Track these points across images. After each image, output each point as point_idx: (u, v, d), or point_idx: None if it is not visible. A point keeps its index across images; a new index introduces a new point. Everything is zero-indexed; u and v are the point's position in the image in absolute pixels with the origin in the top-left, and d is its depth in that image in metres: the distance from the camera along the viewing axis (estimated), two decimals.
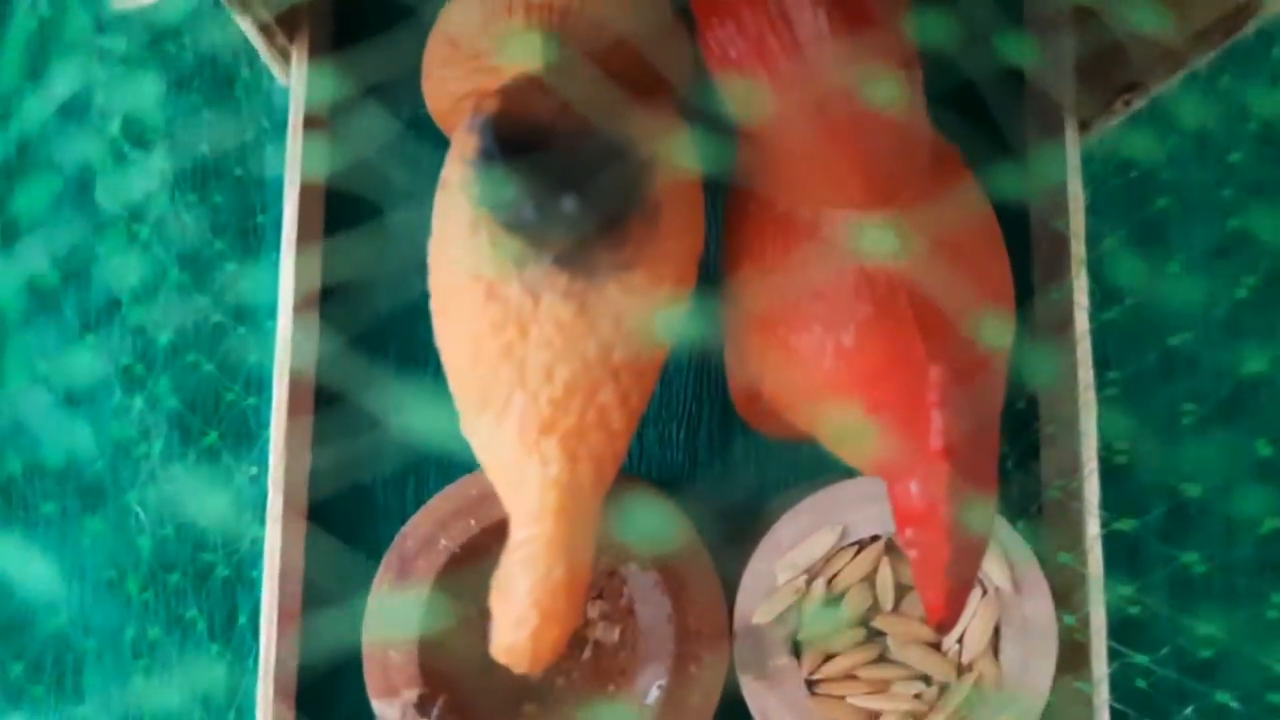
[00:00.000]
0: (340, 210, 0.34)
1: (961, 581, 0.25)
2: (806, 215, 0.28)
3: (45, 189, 0.34)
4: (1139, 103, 0.32)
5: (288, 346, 0.33)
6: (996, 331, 0.28)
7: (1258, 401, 0.34)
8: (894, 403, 0.26)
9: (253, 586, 0.34)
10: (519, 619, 0.26)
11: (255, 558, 0.34)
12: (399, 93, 0.33)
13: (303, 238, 0.33)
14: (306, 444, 0.33)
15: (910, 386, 0.26)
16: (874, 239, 0.27)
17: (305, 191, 0.33)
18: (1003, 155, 0.33)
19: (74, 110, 0.35)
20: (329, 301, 0.34)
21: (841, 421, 0.28)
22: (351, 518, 0.34)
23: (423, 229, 0.28)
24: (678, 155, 0.27)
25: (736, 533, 0.32)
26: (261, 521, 0.32)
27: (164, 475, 0.35)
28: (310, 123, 0.34)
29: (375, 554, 0.31)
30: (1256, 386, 0.33)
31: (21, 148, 0.33)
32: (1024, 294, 0.34)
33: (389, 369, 0.34)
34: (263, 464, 0.33)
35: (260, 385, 0.36)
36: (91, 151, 0.35)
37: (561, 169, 0.23)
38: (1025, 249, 0.35)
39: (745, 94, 0.27)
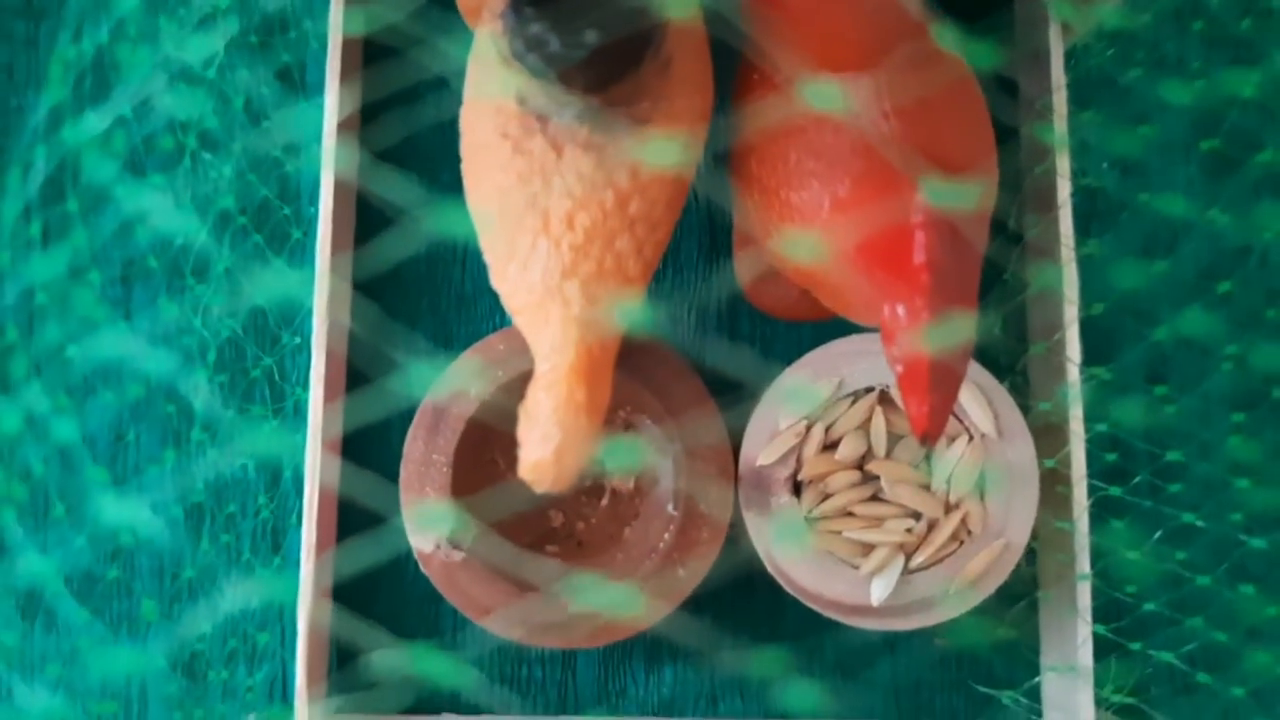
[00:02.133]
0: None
1: (943, 394, 0.27)
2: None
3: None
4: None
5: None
6: (979, 180, 0.30)
7: (1230, 254, 0.36)
8: (885, 244, 0.29)
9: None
10: (544, 436, 0.29)
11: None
12: None
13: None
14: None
15: (899, 228, 0.28)
16: (865, 97, 0.30)
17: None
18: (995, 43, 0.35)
19: None
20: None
21: (838, 269, 0.30)
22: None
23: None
24: (689, 17, 0.30)
25: (741, 399, 0.35)
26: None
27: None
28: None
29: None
30: (1231, 243, 0.35)
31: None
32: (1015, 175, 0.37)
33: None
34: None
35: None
36: None
37: (583, 14, 0.26)
38: (1015, 133, 0.38)
39: None
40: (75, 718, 0.33)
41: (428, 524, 0.33)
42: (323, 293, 0.35)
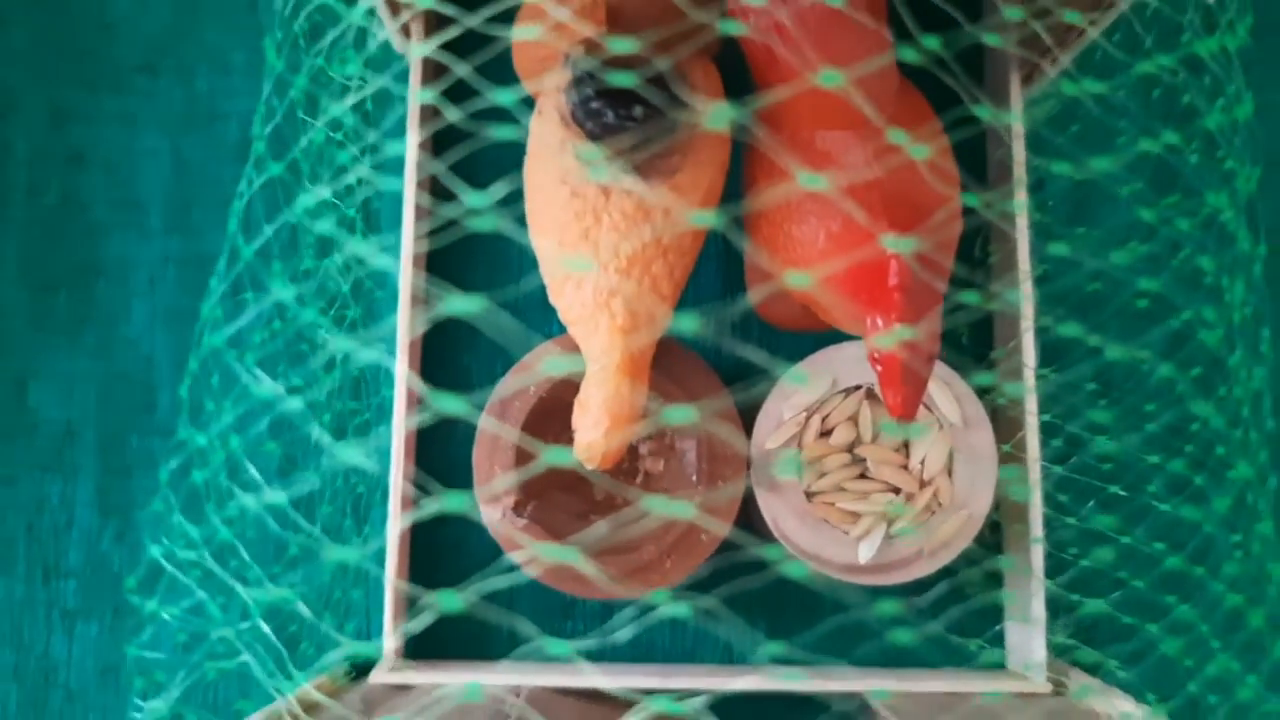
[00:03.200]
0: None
1: (914, 386, 0.35)
2: (804, 137, 0.38)
3: None
4: (1062, 61, 0.42)
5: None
6: (946, 221, 0.38)
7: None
8: (867, 269, 0.36)
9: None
10: (595, 422, 0.37)
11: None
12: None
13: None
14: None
15: (879, 258, 0.36)
16: (855, 150, 0.37)
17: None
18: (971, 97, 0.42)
19: None
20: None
21: (830, 291, 0.38)
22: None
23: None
24: (710, 93, 0.37)
25: (753, 395, 0.42)
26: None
27: None
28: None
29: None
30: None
31: None
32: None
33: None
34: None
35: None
36: None
37: (630, 94, 0.33)
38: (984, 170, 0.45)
39: (761, 54, 0.37)
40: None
41: (495, 496, 0.41)
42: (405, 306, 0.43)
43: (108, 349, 0.47)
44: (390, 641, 0.42)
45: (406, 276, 0.43)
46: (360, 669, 0.42)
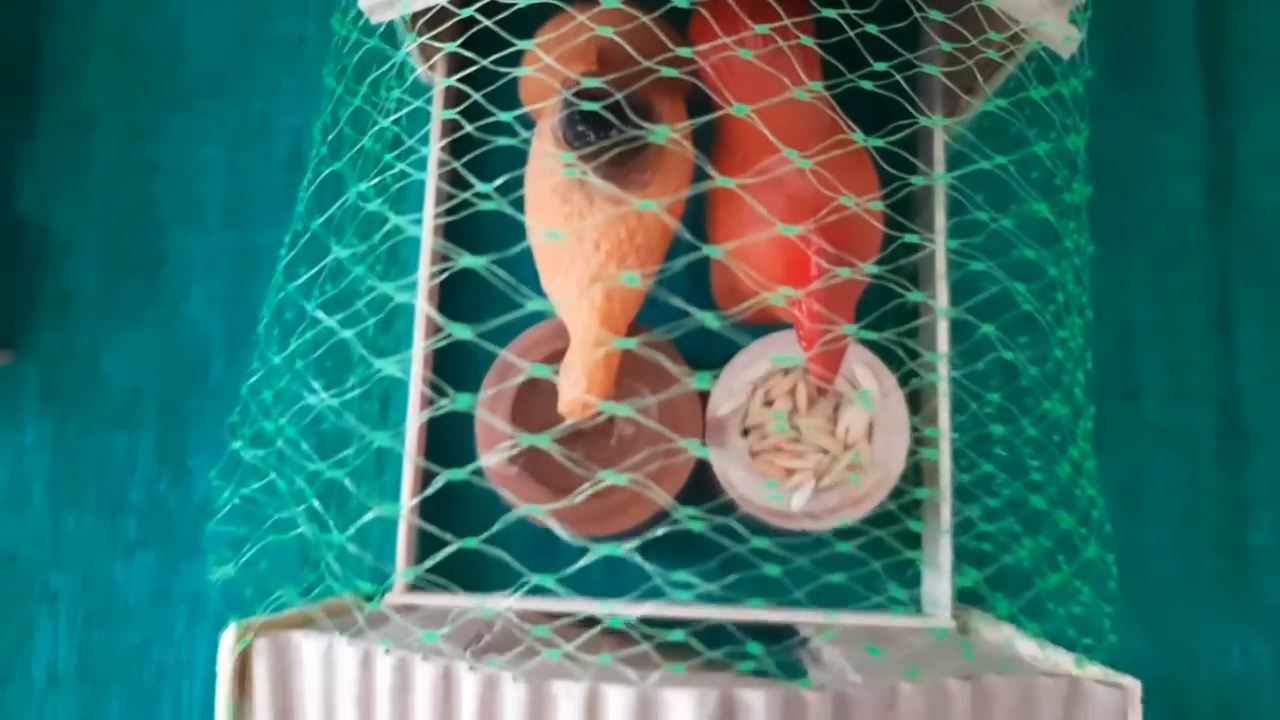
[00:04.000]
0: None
1: (831, 356, 0.43)
2: (752, 160, 0.47)
3: None
4: (976, 105, 0.50)
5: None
6: (866, 233, 0.46)
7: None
8: (797, 266, 0.45)
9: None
10: (574, 382, 0.45)
11: None
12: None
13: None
14: None
15: (805, 256, 0.44)
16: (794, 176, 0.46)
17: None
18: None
19: None
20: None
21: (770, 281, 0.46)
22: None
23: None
24: (675, 121, 0.46)
25: (709, 370, 0.51)
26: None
27: None
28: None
29: None
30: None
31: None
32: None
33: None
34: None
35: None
36: None
37: (609, 123, 0.42)
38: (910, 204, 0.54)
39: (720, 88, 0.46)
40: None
41: (494, 443, 0.49)
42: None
43: (169, 326, 0.56)
44: (402, 570, 0.50)
45: (428, 241, 0.51)
46: (369, 599, 0.50)
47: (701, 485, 0.51)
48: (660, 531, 0.41)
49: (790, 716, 0.29)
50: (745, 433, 0.50)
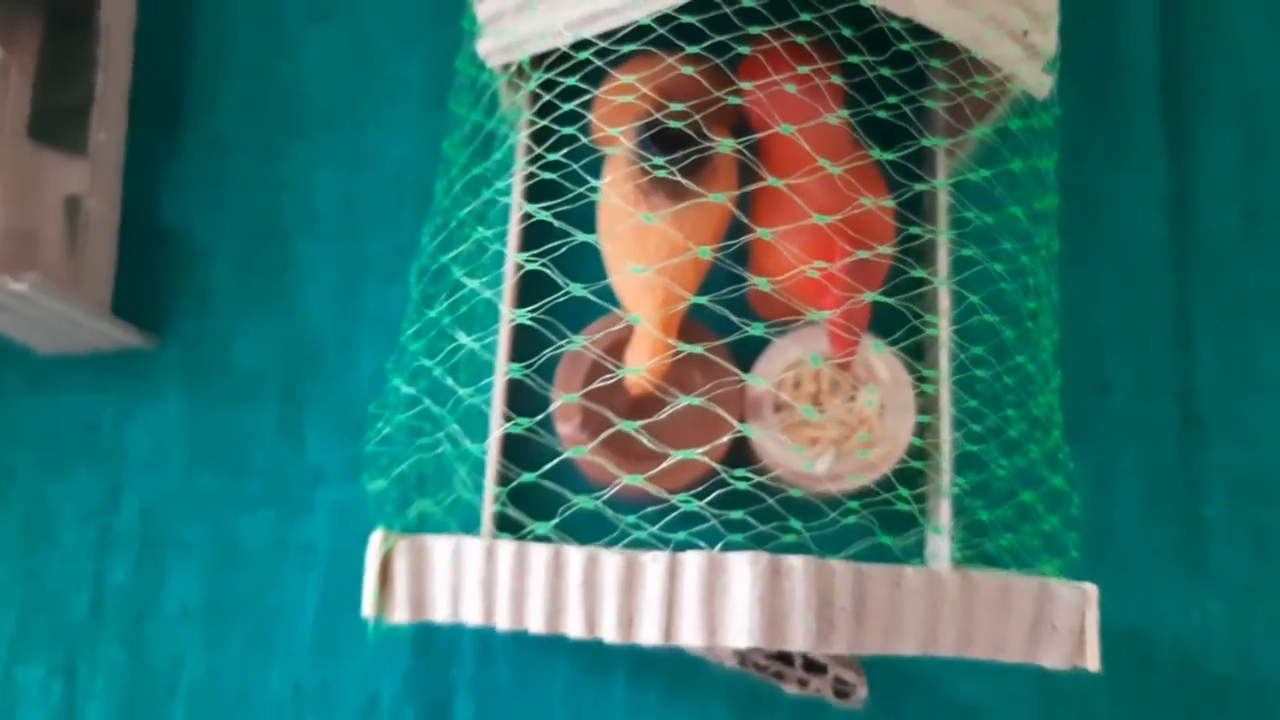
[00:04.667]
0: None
1: (849, 344, 0.53)
2: (805, 184, 0.57)
3: None
4: (971, 142, 0.61)
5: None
6: (879, 235, 0.57)
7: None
8: (830, 280, 0.55)
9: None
10: (639, 358, 0.55)
11: None
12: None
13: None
14: None
15: (843, 287, 0.54)
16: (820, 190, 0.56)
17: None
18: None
19: None
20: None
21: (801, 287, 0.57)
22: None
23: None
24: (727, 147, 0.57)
25: (747, 360, 0.60)
26: None
27: None
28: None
29: None
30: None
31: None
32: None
33: None
34: None
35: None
36: None
37: (673, 146, 0.52)
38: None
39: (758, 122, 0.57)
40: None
41: (569, 415, 0.59)
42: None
43: (289, 319, 0.66)
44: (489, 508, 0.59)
45: (511, 251, 0.61)
46: None
47: (741, 453, 0.61)
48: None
49: (821, 578, 0.39)
50: (777, 410, 0.60)
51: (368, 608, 0.46)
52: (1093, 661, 0.46)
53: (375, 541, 0.46)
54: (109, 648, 0.63)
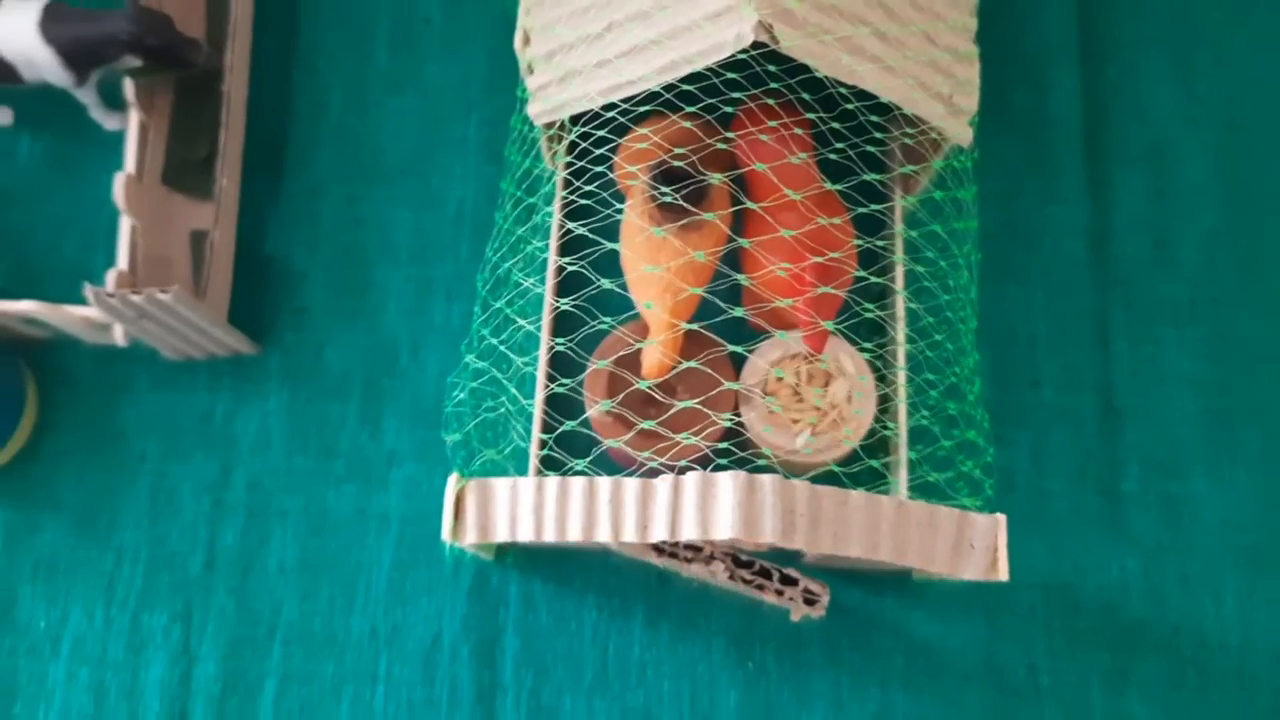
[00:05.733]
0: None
1: (818, 339, 0.68)
2: (770, 209, 0.72)
3: None
4: (922, 181, 0.76)
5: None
6: (845, 263, 0.71)
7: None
8: (796, 279, 0.69)
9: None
10: (652, 353, 0.69)
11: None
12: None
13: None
14: None
15: (808, 285, 0.69)
16: (796, 218, 0.71)
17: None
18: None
19: None
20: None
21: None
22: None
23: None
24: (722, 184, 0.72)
25: (740, 356, 0.75)
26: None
27: None
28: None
29: None
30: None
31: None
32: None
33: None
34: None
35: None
36: None
37: (678, 180, 0.67)
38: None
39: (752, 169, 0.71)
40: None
41: (597, 405, 0.73)
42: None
43: (371, 330, 0.81)
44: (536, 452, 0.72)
45: (553, 257, 0.76)
46: None
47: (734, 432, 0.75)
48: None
49: (785, 491, 0.53)
50: (765, 396, 0.74)
51: (445, 534, 0.60)
52: (1003, 574, 0.59)
53: (451, 483, 0.61)
54: (219, 598, 0.76)
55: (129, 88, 0.78)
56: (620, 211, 0.69)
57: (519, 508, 0.59)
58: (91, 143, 0.84)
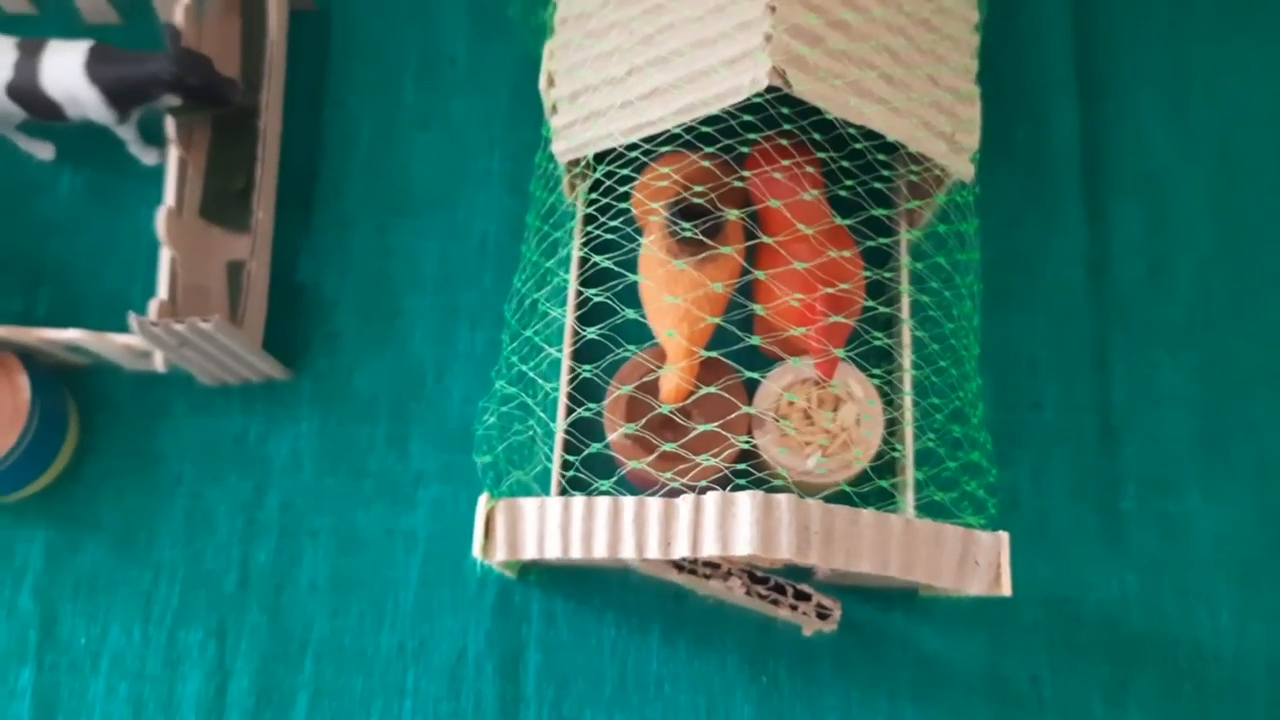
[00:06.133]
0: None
1: (829, 365, 0.71)
2: (784, 242, 0.75)
3: None
4: (926, 215, 0.79)
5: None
6: (854, 294, 0.75)
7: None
8: (814, 320, 0.73)
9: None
10: (670, 379, 0.73)
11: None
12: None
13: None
14: None
15: (819, 314, 0.72)
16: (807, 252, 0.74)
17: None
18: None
19: None
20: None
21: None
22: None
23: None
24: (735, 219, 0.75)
25: (755, 382, 0.78)
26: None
27: None
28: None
29: None
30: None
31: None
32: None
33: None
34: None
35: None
36: None
37: (695, 216, 0.71)
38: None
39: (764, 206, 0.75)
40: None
41: (618, 429, 0.77)
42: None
43: (399, 356, 0.84)
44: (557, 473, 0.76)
45: (574, 289, 0.80)
46: None
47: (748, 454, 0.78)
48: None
49: (800, 510, 0.56)
50: (777, 420, 0.77)
51: (476, 551, 0.64)
52: (1006, 589, 0.62)
53: (481, 503, 0.64)
54: (253, 615, 0.80)
55: (169, 125, 0.82)
56: (639, 247, 0.73)
57: (546, 526, 0.62)
58: (130, 177, 0.88)
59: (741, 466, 0.70)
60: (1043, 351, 0.84)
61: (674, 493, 0.62)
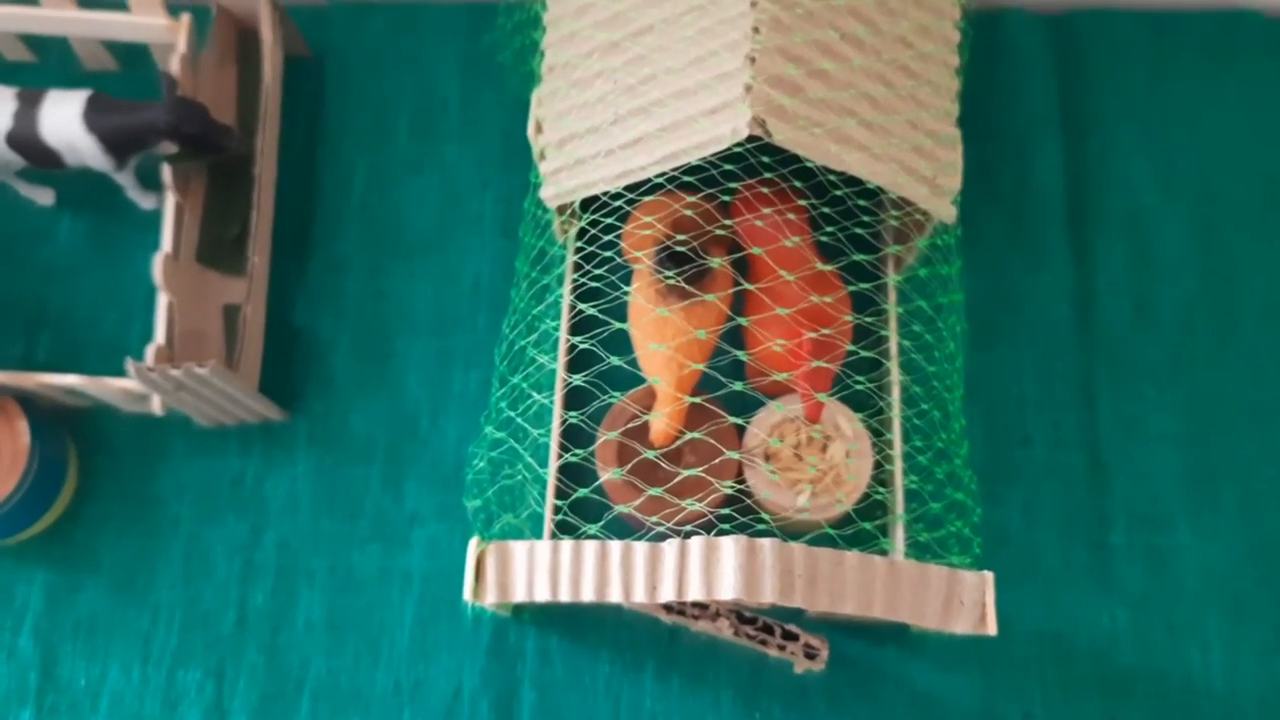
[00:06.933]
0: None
1: (816, 409, 0.72)
2: (768, 288, 0.76)
3: None
4: (910, 258, 0.80)
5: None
6: (840, 338, 0.75)
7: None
8: (802, 360, 0.74)
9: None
10: (658, 424, 0.74)
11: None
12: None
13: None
14: None
15: (808, 356, 0.73)
16: (795, 294, 0.75)
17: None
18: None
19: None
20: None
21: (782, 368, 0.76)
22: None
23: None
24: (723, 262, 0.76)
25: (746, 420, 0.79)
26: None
27: None
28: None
29: None
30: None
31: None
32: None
33: None
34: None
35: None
36: None
37: (683, 262, 0.72)
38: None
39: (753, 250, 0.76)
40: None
41: (609, 471, 0.78)
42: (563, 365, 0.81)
43: (393, 398, 0.85)
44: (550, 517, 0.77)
45: (564, 336, 0.81)
46: None
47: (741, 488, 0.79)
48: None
49: (783, 553, 0.57)
50: (766, 459, 0.78)
51: (467, 594, 0.64)
52: (991, 629, 0.63)
53: (472, 546, 0.65)
54: (251, 655, 0.80)
55: (166, 172, 0.83)
56: (627, 294, 0.74)
57: (536, 569, 0.63)
58: (128, 223, 0.89)
59: (725, 511, 0.71)
60: (1031, 388, 0.84)
61: (661, 536, 0.63)
